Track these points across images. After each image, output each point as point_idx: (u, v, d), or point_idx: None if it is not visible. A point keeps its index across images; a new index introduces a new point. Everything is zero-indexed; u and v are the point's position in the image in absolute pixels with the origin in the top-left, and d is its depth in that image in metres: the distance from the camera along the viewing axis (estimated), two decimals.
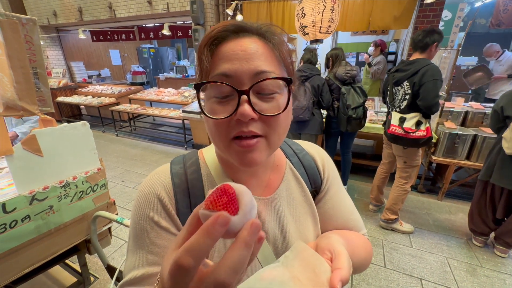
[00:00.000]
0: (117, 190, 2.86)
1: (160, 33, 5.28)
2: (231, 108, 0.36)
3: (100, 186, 1.20)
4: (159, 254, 0.40)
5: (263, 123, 0.37)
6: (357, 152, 3.69)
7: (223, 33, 0.37)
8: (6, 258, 0.90)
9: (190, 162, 0.48)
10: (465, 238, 2.12)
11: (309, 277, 0.35)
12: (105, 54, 9.15)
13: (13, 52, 0.90)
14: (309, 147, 0.57)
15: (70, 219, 1.09)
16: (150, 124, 5.59)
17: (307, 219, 0.50)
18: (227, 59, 0.36)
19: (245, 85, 0.35)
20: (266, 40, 0.38)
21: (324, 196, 0.52)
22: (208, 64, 0.37)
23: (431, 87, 1.72)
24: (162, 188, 0.43)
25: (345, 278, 0.33)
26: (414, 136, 1.83)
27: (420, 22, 3.24)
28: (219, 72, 0.36)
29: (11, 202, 0.90)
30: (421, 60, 1.81)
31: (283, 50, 0.40)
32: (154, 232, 0.41)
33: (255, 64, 0.35)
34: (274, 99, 0.37)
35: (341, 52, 2.41)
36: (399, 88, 1.94)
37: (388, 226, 2.21)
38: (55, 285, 1.51)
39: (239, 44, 0.36)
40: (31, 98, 0.96)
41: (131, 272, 0.40)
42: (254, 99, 0.36)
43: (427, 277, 1.72)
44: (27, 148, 0.95)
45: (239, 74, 0.35)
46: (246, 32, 0.38)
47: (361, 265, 0.48)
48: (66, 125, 1.05)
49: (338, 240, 0.40)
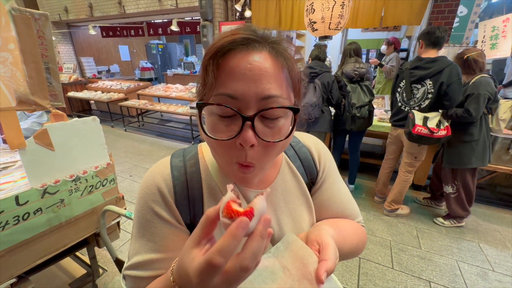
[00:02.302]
0: (125, 184, 2.90)
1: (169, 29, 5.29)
2: (234, 128, 0.35)
3: (110, 181, 1.21)
4: (159, 242, 0.43)
5: (263, 148, 0.37)
6: (366, 151, 3.64)
7: (230, 45, 0.35)
8: (19, 249, 0.93)
9: (189, 156, 0.50)
10: (476, 241, 2.07)
11: (298, 267, 0.38)
12: (114, 50, 9.26)
13: (26, 47, 0.91)
14: (306, 139, 0.57)
15: (80, 213, 1.11)
16: (158, 119, 5.64)
17: (302, 210, 0.52)
18: (234, 77, 0.34)
19: (251, 109, 0.35)
20: (277, 55, 0.36)
21: (320, 187, 0.54)
22: (214, 79, 0.35)
23: (458, 87, 1.78)
24: (162, 180, 0.45)
25: (330, 269, 0.36)
26: (438, 135, 1.86)
27: (434, 18, 3.14)
28: (225, 92, 0.34)
29: (24, 195, 0.91)
30: (443, 58, 1.83)
31: (293, 67, 0.38)
32: (154, 222, 0.44)
33: (263, 87, 0.34)
34: (277, 125, 0.37)
35: (352, 47, 2.34)
36: (419, 87, 1.94)
37: (392, 214, 2.34)
38: (65, 276, 1.54)
39: (247, 60, 0.34)
40: (43, 93, 0.98)
41: (134, 257, 0.44)
42: (257, 124, 0.35)
43: (436, 280, 1.69)
44: (39, 142, 0.96)
45: (246, 97, 0.34)
46: (256, 43, 0.35)
47: (353, 251, 0.51)
48: (76, 120, 1.06)
49: (327, 232, 0.43)
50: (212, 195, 0.47)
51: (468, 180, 2.06)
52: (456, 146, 2.00)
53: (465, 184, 2.07)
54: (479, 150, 1.96)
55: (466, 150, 1.96)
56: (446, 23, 3.10)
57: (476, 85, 1.84)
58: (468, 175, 2.05)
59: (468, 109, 1.83)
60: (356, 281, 1.68)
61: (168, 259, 0.42)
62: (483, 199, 2.66)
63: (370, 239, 2.06)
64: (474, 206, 2.51)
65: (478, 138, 1.94)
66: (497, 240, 2.09)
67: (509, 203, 2.61)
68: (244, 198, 0.48)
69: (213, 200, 0.47)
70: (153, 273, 0.42)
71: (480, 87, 1.82)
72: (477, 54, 1.88)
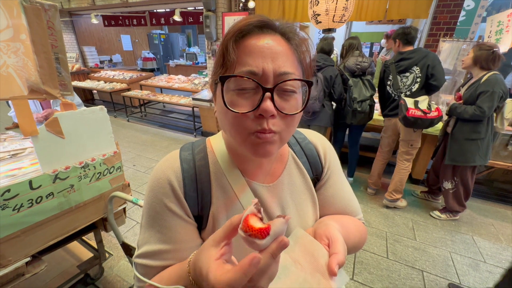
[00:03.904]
0: (129, 173, 2.96)
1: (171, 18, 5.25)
2: (252, 103, 0.38)
3: (116, 169, 1.26)
4: (167, 234, 0.45)
5: (281, 119, 0.39)
6: (366, 145, 3.67)
7: (248, 26, 0.39)
8: (34, 230, 0.98)
9: (198, 149, 0.51)
10: (470, 234, 2.12)
11: (309, 261, 0.38)
12: (116, 39, 9.20)
13: (36, 37, 0.94)
14: (312, 136, 0.59)
15: (89, 198, 1.16)
16: (160, 110, 5.67)
17: (307, 205, 0.53)
18: (253, 55, 0.38)
19: (269, 83, 0.38)
20: (288, 41, 0.40)
21: (325, 184, 0.56)
22: (235, 56, 0.38)
23: (441, 68, 2.01)
24: (172, 173, 0.47)
25: (341, 261, 0.38)
26: (431, 116, 1.97)
27: (440, 12, 3.11)
28: (247, 69, 0.37)
29: (37, 179, 0.96)
30: (420, 48, 2.13)
31: (303, 51, 0.42)
32: (164, 214, 0.45)
33: (279, 64, 0.38)
34: (293, 99, 0.40)
35: (355, 42, 2.35)
36: (408, 74, 2.12)
37: (392, 204, 2.40)
38: (73, 259, 1.62)
39: (264, 40, 0.38)
40: (53, 83, 1.01)
41: (144, 246, 0.46)
42: (275, 97, 0.38)
43: (429, 270, 1.75)
44: (50, 130, 1.00)
45: (266, 73, 0.37)
46: (270, 28, 0.40)
47: (355, 247, 0.53)
48: (85, 109, 1.10)
49: (334, 227, 0.45)
50: (221, 187, 0.48)
51: (467, 177, 2.09)
52: (461, 143, 2.00)
53: (464, 180, 2.10)
54: (483, 149, 1.96)
55: (472, 148, 1.96)
56: (452, 17, 3.07)
57: (491, 83, 1.81)
58: (469, 172, 2.08)
59: (482, 107, 1.82)
60: (352, 269, 1.74)
61: (175, 250, 0.45)
62: (480, 194, 2.71)
63: (367, 230, 2.11)
64: (470, 200, 2.55)
65: (484, 136, 1.94)
66: (491, 233, 2.14)
67: (505, 198, 2.66)
68: (252, 191, 0.49)
69: (222, 192, 0.48)
70: (161, 263, 0.44)
71: (495, 85, 1.80)
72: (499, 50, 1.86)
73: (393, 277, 1.69)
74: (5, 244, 0.92)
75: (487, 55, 1.85)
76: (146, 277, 0.44)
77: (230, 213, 0.47)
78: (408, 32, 2.08)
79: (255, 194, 0.49)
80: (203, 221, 0.48)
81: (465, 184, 2.12)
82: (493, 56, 1.85)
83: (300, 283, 0.36)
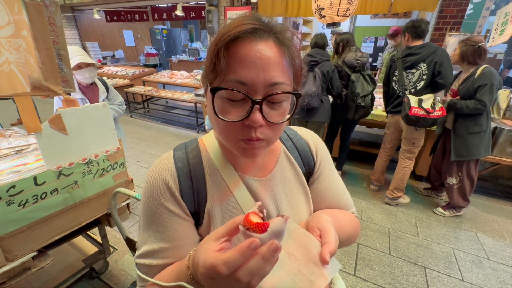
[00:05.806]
0: (132, 169, 2.99)
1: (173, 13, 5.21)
2: (242, 112, 0.39)
3: (119, 165, 1.27)
4: (165, 232, 0.46)
5: (268, 128, 0.41)
6: (369, 141, 3.64)
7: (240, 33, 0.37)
8: (39, 225, 1.00)
9: (191, 148, 0.52)
10: (474, 230, 2.11)
11: (302, 253, 0.40)
12: (119, 35, 9.18)
13: (38, 34, 0.94)
14: (303, 132, 0.61)
15: (92, 194, 1.17)
16: (163, 106, 5.68)
17: (300, 198, 0.55)
18: (244, 64, 0.37)
19: (259, 94, 0.38)
20: (280, 44, 0.40)
21: (318, 178, 0.57)
22: (226, 65, 0.37)
23: (449, 65, 1.92)
24: (168, 172, 0.48)
25: (333, 250, 0.39)
26: (434, 116, 1.94)
27: (447, 5, 3.04)
28: (236, 79, 0.37)
29: (42, 175, 0.97)
30: (429, 43, 2.01)
31: (293, 53, 0.41)
32: (160, 213, 0.46)
33: (270, 75, 0.38)
34: (281, 107, 0.41)
35: (351, 37, 2.34)
36: (414, 71, 2.05)
37: (393, 202, 2.39)
38: (78, 253, 1.64)
39: (256, 49, 0.37)
40: (56, 79, 1.01)
41: (143, 246, 0.47)
42: (264, 107, 0.39)
43: (432, 266, 1.75)
44: (54, 126, 1.01)
45: (255, 84, 0.37)
46: (262, 32, 0.38)
47: (348, 239, 0.54)
48: (88, 105, 1.10)
49: (326, 219, 0.46)
50: (215, 183, 0.49)
51: (472, 170, 2.09)
52: (465, 138, 2.00)
53: (469, 174, 2.10)
54: (486, 140, 1.98)
55: (476, 141, 1.97)
56: (459, 10, 3.00)
57: (488, 76, 1.83)
58: (473, 165, 2.08)
59: (482, 100, 1.83)
60: (354, 265, 1.75)
61: (174, 248, 0.46)
62: (484, 191, 2.69)
63: (369, 226, 2.12)
64: (474, 197, 2.54)
65: (486, 128, 1.96)
66: (495, 230, 2.13)
67: (510, 195, 2.63)
68: (245, 186, 0.50)
69: (216, 188, 0.49)
70: (161, 261, 0.45)
71: (492, 77, 1.82)
72: (484, 44, 1.88)
73: (395, 273, 1.70)
74: (11, 239, 0.93)
75: (473, 51, 1.88)
76: (148, 276, 0.45)
77: (225, 207, 0.48)
78: (418, 25, 1.99)
79: (248, 188, 0.50)
80: (200, 217, 0.49)
81: (471, 178, 2.11)
82: (478, 51, 1.87)
83: (294, 274, 0.38)
